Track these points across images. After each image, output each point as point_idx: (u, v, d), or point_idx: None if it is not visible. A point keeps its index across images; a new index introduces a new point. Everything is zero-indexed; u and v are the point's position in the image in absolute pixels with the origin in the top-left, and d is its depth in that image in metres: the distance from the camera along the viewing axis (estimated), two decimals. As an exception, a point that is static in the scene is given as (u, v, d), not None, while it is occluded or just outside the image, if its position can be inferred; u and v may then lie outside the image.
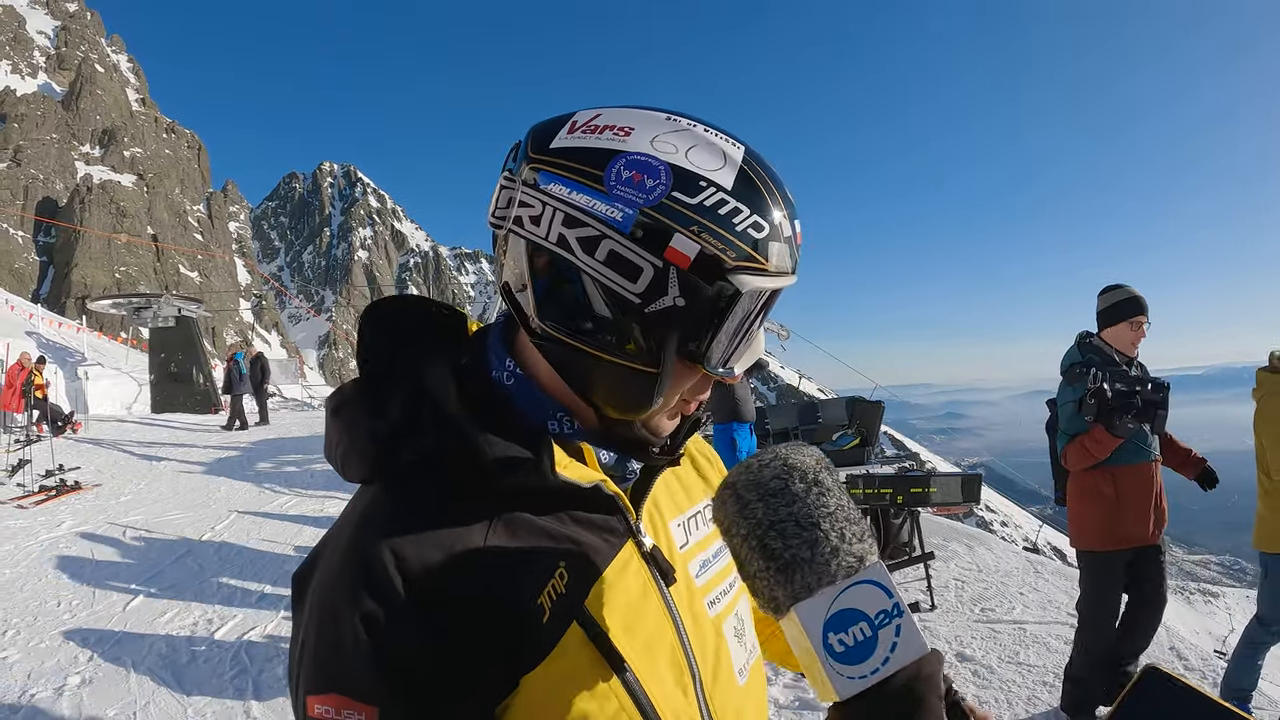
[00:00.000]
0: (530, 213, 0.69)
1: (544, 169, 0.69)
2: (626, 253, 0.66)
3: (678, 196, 0.66)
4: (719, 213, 0.67)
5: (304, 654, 0.68)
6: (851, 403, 10.27)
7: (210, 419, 17.83)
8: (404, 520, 0.69)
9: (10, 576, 6.45)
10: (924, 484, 6.11)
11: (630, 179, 0.67)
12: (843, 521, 0.62)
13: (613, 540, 0.76)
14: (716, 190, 0.67)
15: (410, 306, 0.83)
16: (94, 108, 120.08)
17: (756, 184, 0.69)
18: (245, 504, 9.24)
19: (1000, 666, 4.69)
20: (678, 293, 0.67)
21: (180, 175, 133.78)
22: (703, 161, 0.68)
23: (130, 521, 8.26)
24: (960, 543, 7.42)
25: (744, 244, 0.67)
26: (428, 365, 0.75)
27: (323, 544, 0.74)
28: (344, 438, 0.76)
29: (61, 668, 4.76)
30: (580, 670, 0.68)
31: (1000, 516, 43.94)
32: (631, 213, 0.66)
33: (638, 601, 0.75)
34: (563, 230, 0.67)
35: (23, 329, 22.21)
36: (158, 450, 12.88)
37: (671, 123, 0.70)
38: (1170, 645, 5.02)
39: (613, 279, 0.67)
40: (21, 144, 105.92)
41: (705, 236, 0.66)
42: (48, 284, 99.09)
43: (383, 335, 0.79)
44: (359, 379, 0.79)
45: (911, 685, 0.57)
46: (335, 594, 0.67)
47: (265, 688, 4.57)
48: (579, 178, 0.68)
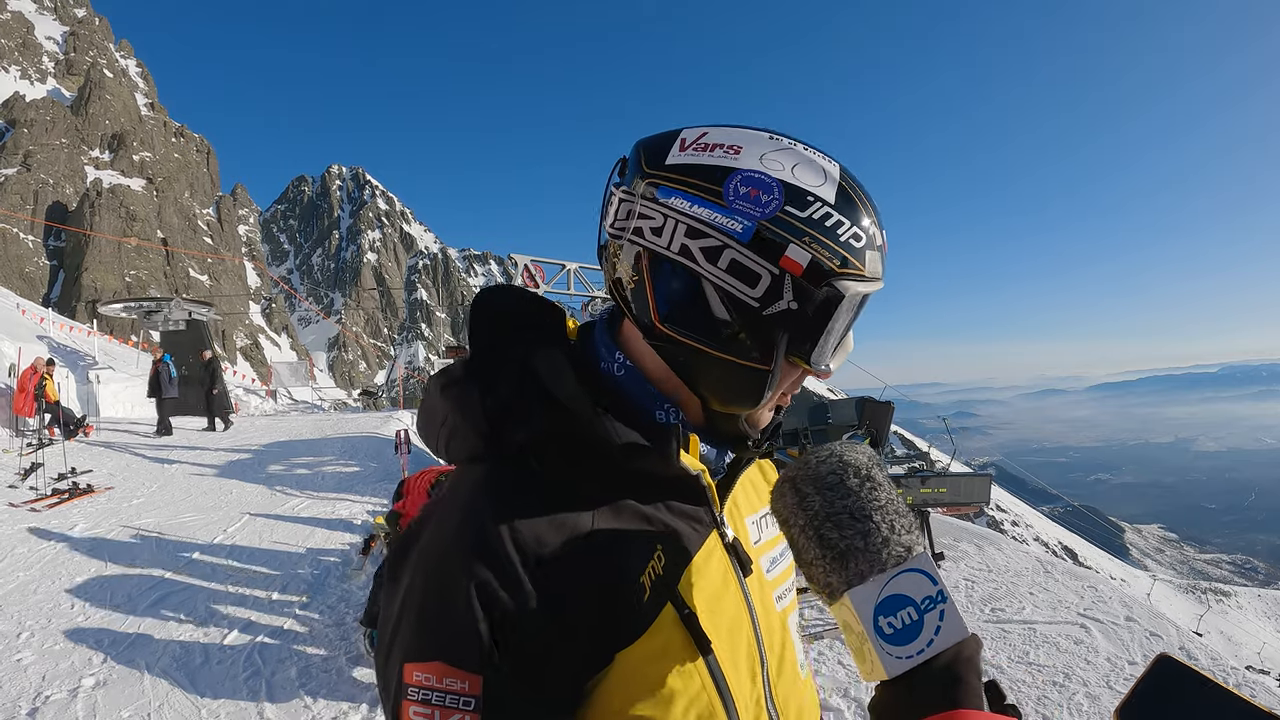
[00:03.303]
0: (651, 224, 0.75)
1: (662, 184, 0.75)
2: (747, 261, 0.72)
3: (790, 210, 0.73)
4: (825, 225, 0.73)
5: (403, 621, 0.70)
6: (861, 403, 10.23)
7: (220, 421, 17.82)
8: (517, 496, 0.72)
9: (24, 579, 6.50)
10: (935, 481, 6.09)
11: (747, 194, 0.73)
12: (893, 514, 0.67)
13: (700, 529, 0.81)
14: (822, 205, 0.74)
15: (517, 297, 0.88)
16: (103, 112, 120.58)
17: (853, 198, 0.76)
18: (257, 506, 9.28)
19: (1010, 666, 4.68)
20: (791, 297, 0.73)
21: (190, 179, 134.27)
22: (807, 178, 0.74)
23: (143, 524, 8.30)
24: (970, 543, 7.40)
25: (846, 253, 0.74)
26: (540, 352, 0.79)
27: (426, 516, 0.77)
28: (453, 415, 0.80)
29: (76, 669, 4.79)
30: (671, 649, 0.72)
31: (1011, 516, 43.73)
32: (750, 225, 0.72)
33: (720, 589, 0.79)
34: (685, 241, 0.74)
35: (34, 333, 22.33)
36: (169, 453, 12.94)
37: (774, 141, 0.76)
38: (1180, 645, 5.00)
39: (734, 285, 0.73)
40: (31, 149, 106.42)
41: (815, 246, 0.73)
42: (58, 288, 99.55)
43: (492, 321, 0.84)
44: (468, 359, 0.83)
45: (953, 665, 0.62)
46: (447, 563, 0.69)
47: (278, 689, 4.60)
48: (699, 192, 0.74)
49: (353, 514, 9.10)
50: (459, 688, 0.65)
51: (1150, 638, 5.19)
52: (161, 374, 15.44)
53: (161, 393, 15.41)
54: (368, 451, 13.31)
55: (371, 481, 11.01)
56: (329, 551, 7.51)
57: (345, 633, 5.50)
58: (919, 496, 6.04)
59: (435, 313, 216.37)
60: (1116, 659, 4.88)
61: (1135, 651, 4.99)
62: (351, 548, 7.62)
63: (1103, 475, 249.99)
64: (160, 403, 15.47)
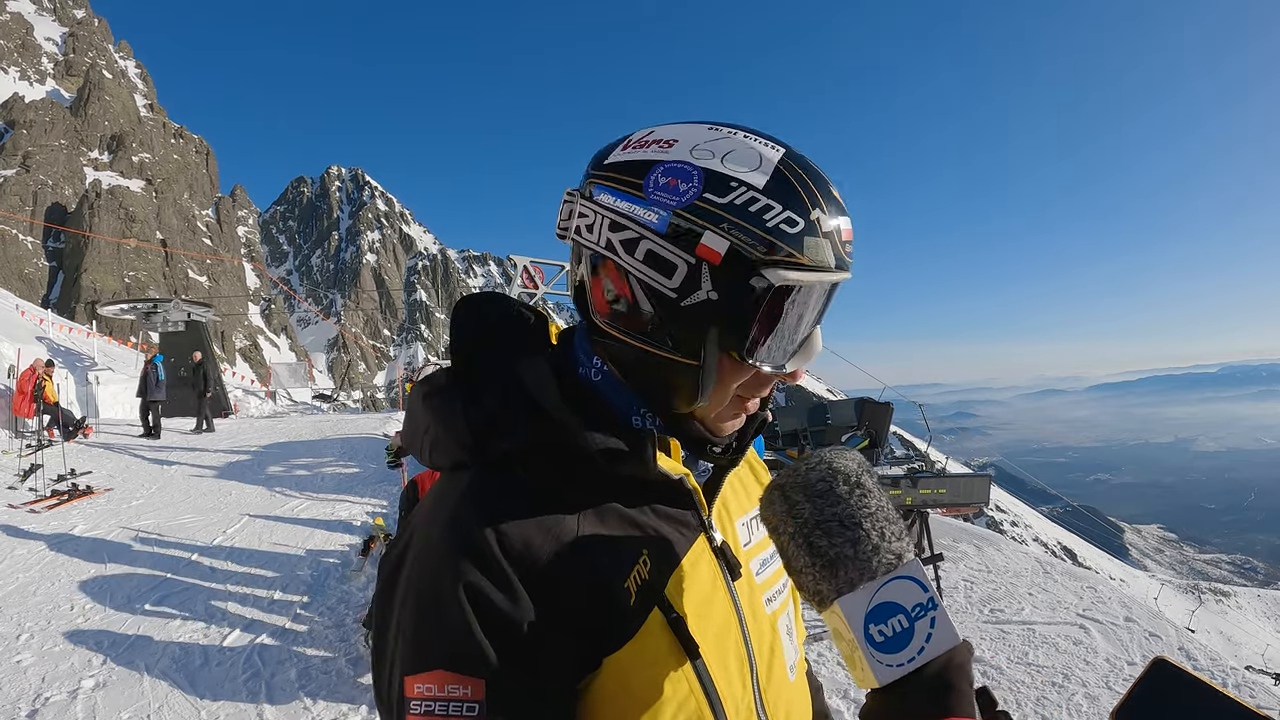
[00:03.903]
0: (585, 222, 0.76)
1: (597, 182, 0.75)
2: (662, 251, 0.71)
3: (709, 198, 0.70)
4: (749, 210, 0.70)
5: (400, 636, 0.69)
6: (860, 404, 10.22)
7: (219, 422, 17.83)
8: (503, 502, 0.72)
9: (23, 581, 6.49)
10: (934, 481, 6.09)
11: (666, 184, 0.72)
12: (883, 521, 0.67)
13: (687, 533, 0.80)
14: (747, 189, 0.70)
15: (499, 304, 0.87)
16: (102, 113, 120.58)
17: (791, 182, 0.71)
18: (257, 508, 9.28)
19: (1009, 667, 4.68)
20: (710, 287, 0.71)
21: (189, 180, 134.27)
22: (736, 164, 0.71)
23: (142, 526, 8.30)
24: (970, 543, 7.40)
25: (776, 239, 0.70)
26: (524, 360, 0.79)
27: (411, 529, 0.76)
28: (436, 424, 0.79)
29: (75, 671, 4.79)
30: (659, 653, 0.71)
31: (1010, 516, 43.73)
32: (666, 214, 0.71)
33: (708, 593, 0.79)
34: (609, 235, 0.74)
35: (33, 334, 22.33)
36: (168, 454, 12.93)
37: (713, 132, 0.74)
38: (1180, 645, 5.00)
39: (652, 276, 0.72)
40: (30, 150, 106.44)
41: (735, 233, 0.69)
42: (57, 289, 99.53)
43: (474, 329, 0.83)
44: (451, 368, 0.82)
45: (944, 673, 0.62)
46: (437, 570, 0.69)
47: (278, 690, 4.59)
48: (623, 187, 0.74)
49: (352, 515, 9.09)
50: (461, 693, 0.64)
51: (1149, 638, 5.20)
52: (150, 376, 15.13)
53: (149, 394, 15.11)
54: (367, 453, 13.31)
55: (371, 483, 11.00)
56: (328, 553, 7.51)
57: (345, 634, 5.50)
58: (918, 497, 6.04)
59: (434, 314, 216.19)
60: (1116, 659, 4.88)
61: (1134, 652, 4.99)
62: (351, 549, 7.62)
63: (1102, 475, 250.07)
64: (147, 404, 15.13)
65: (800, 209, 0.71)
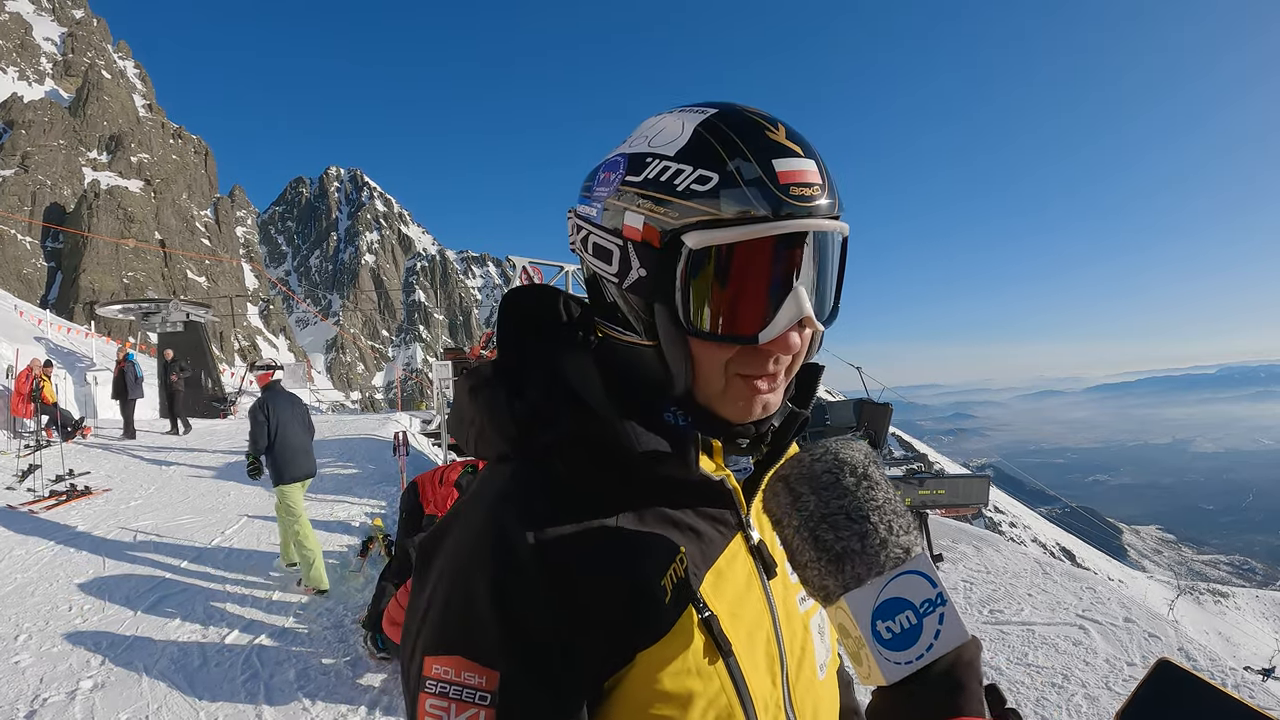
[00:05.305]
0: (572, 234, 0.82)
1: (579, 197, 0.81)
2: (602, 240, 0.76)
3: (629, 179, 0.73)
4: (660, 180, 0.71)
5: (428, 615, 0.70)
6: (859, 404, 10.22)
7: (218, 423, 17.81)
8: (542, 496, 0.72)
9: (22, 581, 6.49)
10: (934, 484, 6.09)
11: (602, 179, 0.77)
12: (890, 514, 0.65)
13: (725, 531, 0.80)
14: (659, 161, 0.71)
15: (545, 297, 0.87)
16: (101, 114, 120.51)
17: (709, 140, 0.70)
18: (255, 508, 9.26)
19: (1009, 668, 4.68)
20: (639, 264, 0.72)
21: (187, 180, 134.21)
22: (661, 140, 0.73)
23: (141, 526, 8.29)
24: (968, 544, 7.40)
25: (687, 200, 0.69)
26: (568, 355, 0.79)
27: (454, 513, 0.77)
28: (481, 416, 0.80)
29: (74, 672, 4.79)
30: (692, 650, 0.71)
31: (1009, 517, 43.76)
32: (600, 206, 0.76)
33: (743, 591, 0.79)
34: (578, 238, 0.80)
35: (32, 335, 22.28)
36: (167, 455, 12.91)
37: (659, 119, 0.77)
38: (1179, 646, 5.00)
39: (600, 267, 0.77)
40: (29, 150, 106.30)
41: (647, 206, 0.71)
42: (56, 289, 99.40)
43: (520, 322, 0.84)
44: (496, 361, 0.83)
45: (953, 670, 0.61)
46: (469, 559, 0.70)
47: (277, 691, 4.59)
48: (583, 193, 0.80)
49: (351, 516, 9.09)
50: (476, 682, 0.65)
51: (1149, 639, 5.20)
52: (127, 374, 14.66)
53: (127, 393, 14.64)
54: (366, 453, 13.29)
55: (370, 484, 10.99)
56: (327, 554, 7.49)
57: (344, 635, 5.50)
58: (917, 498, 6.04)
59: (433, 314, 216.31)
60: (1115, 660, 4.88)
61: (1134, 652, 4.99)
62: (350, 550, 7.62)
63: (1101, 476, 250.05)
64: (125, 404, 14.73)
65: (713, 164, 0.68)
